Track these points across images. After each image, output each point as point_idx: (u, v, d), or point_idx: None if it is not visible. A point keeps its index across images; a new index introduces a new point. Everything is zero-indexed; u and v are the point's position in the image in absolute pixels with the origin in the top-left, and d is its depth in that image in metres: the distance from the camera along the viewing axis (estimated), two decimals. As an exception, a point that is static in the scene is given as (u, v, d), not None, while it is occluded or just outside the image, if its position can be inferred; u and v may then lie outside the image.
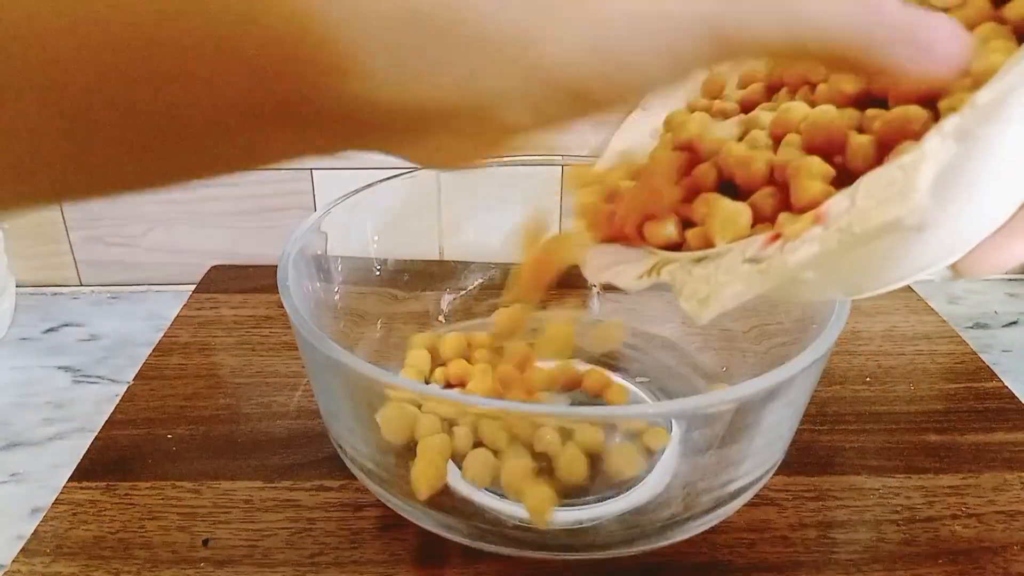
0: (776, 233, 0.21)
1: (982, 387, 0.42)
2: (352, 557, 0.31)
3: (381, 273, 0.41)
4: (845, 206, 0.19)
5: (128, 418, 0.39)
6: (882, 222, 0.17)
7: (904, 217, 0.17)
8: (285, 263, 0.32)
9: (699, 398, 0.28)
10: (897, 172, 0.18)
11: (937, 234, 0.19)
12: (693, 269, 0.23)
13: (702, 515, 0.29)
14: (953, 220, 0.18)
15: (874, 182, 0.18)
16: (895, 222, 0.17)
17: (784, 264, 0.19)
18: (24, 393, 0.43)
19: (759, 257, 0.20)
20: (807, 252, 0.19)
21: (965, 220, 0.19)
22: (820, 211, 0.19)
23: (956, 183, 0.18)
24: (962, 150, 0.17)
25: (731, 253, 0.22)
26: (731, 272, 0.21)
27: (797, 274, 0.19)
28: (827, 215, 0.19)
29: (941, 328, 0.47)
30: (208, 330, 0.46)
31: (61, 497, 0.34)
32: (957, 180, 0.18)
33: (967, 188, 0.18)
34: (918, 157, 0.17)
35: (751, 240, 0.21)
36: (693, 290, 0.22)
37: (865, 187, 0.19)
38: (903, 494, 0.35)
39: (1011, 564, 0.31)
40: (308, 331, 0.28)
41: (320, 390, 0.31)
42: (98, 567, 0.30)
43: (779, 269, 0.20)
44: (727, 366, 0.39)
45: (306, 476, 0.35)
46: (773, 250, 0.20)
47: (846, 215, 0.18)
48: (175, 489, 0.34)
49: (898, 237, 0.18)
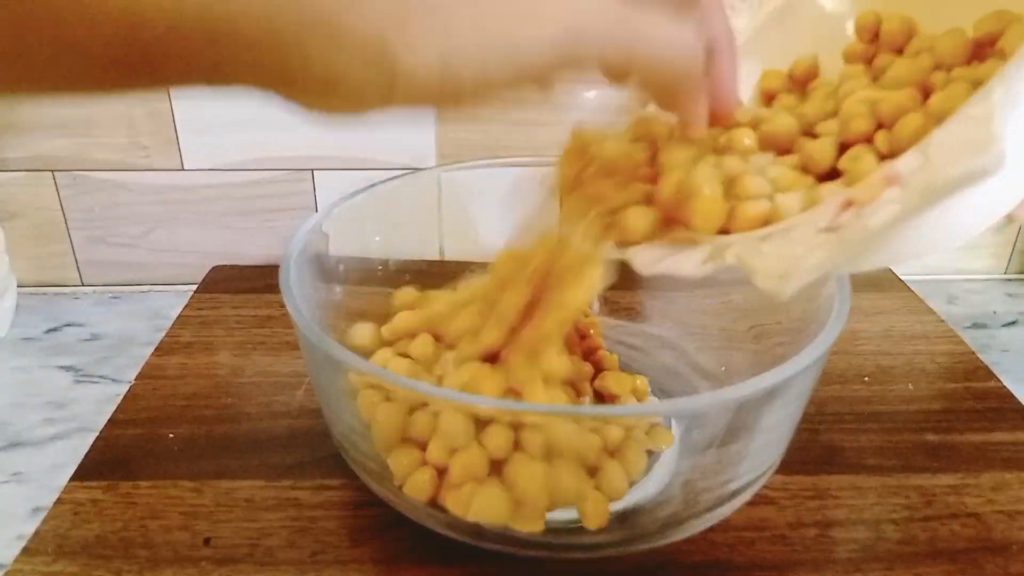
0: (848, 201, 0.21)
1: (981, 387, 0.42)
2: (353, 556, 0.31)
3: (382, 273, 0.41)
4: (918, 164, 0.19)
5: (129, 418, 0.39)
6: (964, 173, 0.18)
7: (987, 165, 0.18)
8: (287, 263, 0.32)
9: (699, 398, 0.28)
10: (968, 125, 0.19)
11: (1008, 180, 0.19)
12: (761, 247, 0.23)
13: (701, 514, 0.29)
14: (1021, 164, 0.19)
15: (944, 137, 0.19)
16: (978, 171, 0.18)
17: (865, 228, 0.20)
18: (25, 393, 0.43)
19: (835, 225, 0.21)
20: (888, 213, 0.19)
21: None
22: (890, 173, 0.20)
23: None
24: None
25: (801, 226, 0.22)
26: (807, 244, 0.21)
27: (879, 236, 0.20)
28: (900, 175, 0.20)
29: (940, 328, 0.47)
30: (210, 330, 0.46)
31: (62, 497, 0.34)
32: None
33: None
34: (988, 109, 0.18)
35: (821, 211, 0.22)
36: (768, 268, 0.22)
37: (937, 144, 0.19)
38: (902, 493, 0.35)
39: (1010, 564, 0.31)
40: (310, 331, 0.28)
41: (321, 389, 0.31)
42: (99, 566, 0.30)
43: (860, 234, 0.20)
44: (727, 366, 0.39)
45: (307, 475, 0.35)
46: (849, 217, 0.20)
47: (923, 172, 0.19)
48: (176, 488, 0.34)
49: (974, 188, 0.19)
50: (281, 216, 0.54)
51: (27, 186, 0.52)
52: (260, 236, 0.55)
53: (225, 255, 0.55)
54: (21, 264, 0.53)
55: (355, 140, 0.52)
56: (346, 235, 0.38)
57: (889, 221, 0.19)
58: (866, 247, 0.20)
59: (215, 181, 0.52)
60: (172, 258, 0.55)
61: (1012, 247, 0.57)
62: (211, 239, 0.54)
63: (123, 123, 0.50)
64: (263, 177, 0.53)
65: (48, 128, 0.50)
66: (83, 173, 0.52)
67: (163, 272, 0.55)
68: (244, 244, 0.55)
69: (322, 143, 0.52)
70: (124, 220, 0.53)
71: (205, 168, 0.52)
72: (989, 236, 0.57)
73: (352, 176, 0.53)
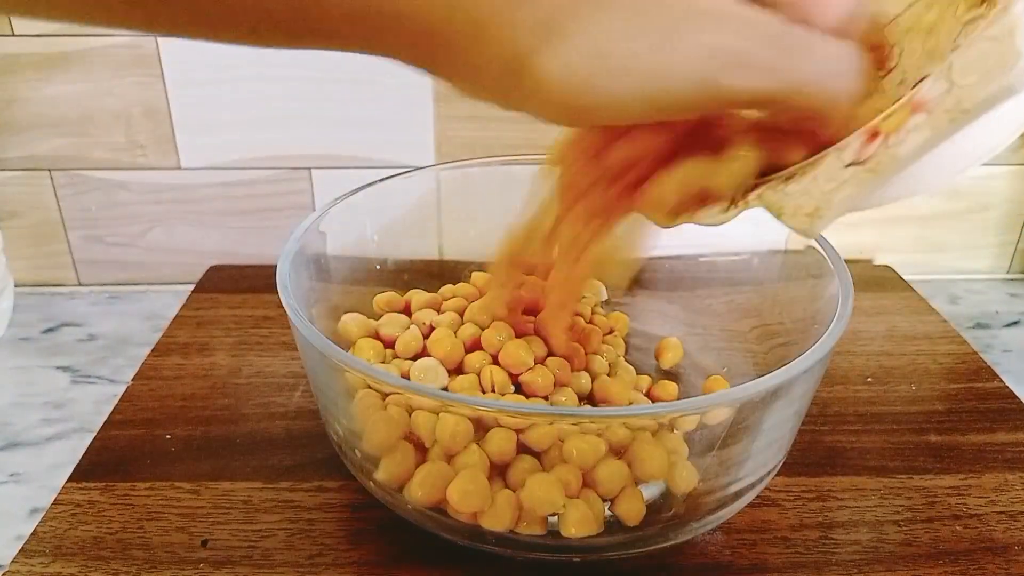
0: (873, 131, 0.21)
1: (983, 387, 0.42)
2: (351, 558, 0.31)
3: (380, 273, 0.41)
4: (943, 88, 0.19)
5: (127, 418, 0.39)
6: (993, 91, 0.18)
7: (1014, 83, 0.18)
8: (284, 263, 0.32)
9: (699, 398, 0.28)
10: (989, 44, 0.19)
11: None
12: (786, 188, 0.22)
13: (703, 516, 0.29)
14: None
15: (966, 60, 0.19)
16: (1007, 88, 0.18)
17: (895, 157, 0.20)
18: (23, 393, 0.43)
19: (862, 158, 0.21)
20: (918, 139, 0.19)
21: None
22: (915, 100, 0.20)
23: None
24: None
25: (825, 162, 0.22)
26: (835, 179, 0.21)
27: (909, 164, 0.20)
28: (926, 101, 0.19)
29: (942, 328, 0.47)
30: (207, 330, 0.46)
31: (60, 497, 0.34)
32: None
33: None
34: (1007, 26, 0.18)
35: (844, 145, 0.21)
36: (795, 206, 0.22)
37: (960, 66, 0.19)
38: (904, 494, 0.34)
39: (1012, 565, 0.31)
40: (307, 331, 0.28)
41: (319, 390, 0.31)
42: (97, 567, 0.30)
43: (891, 163, 0.20)
44: (727, 366, 0.39)
45: (305, 476, 0.35)
46: (877, 147, 0.20)
47: (950, 95, 0.19)
48: (174, 490, 0.34)
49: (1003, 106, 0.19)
50: (279, 215, 0.54)
51: (24, 185, 0.52)
52: (258, 235, 0.54)
53: (222, 254, 0.54)
54: (18, 264, 0.53)
55: (353, 139, 0.51)
56: (344, 234, 0.38)
57: (918, 148, 0.19)
58: (896, 176, 0.20)
59: (213, 180, 0.52)
60: (169, 257, 0.55)
61: (1014, 247, 0.57)
62: (208, 238, 0.54)
63: (120, 122, 0.50)
64: (261, 176, 0.52)
65: (45, 127, 0.50)
66: (80, 172, 0.52)
67: (160, 272, 0.55)
68: (242, 243, 0.54)
69: (319, 142, 0.51)
70: (121, 219, 0.53)
71: (202, 167, 0.52)
72: (991, 236, 0.56)
73: (350, 175, 0.52)
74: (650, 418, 0.29)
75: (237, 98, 0.50)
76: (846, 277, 0.31)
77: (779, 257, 0.38)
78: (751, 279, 0.40)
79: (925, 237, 0.56)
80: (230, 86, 0.49)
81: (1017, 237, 0.57)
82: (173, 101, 0.50)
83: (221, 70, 0.49)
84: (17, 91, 0.49)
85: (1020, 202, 0.55)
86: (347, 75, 0.49)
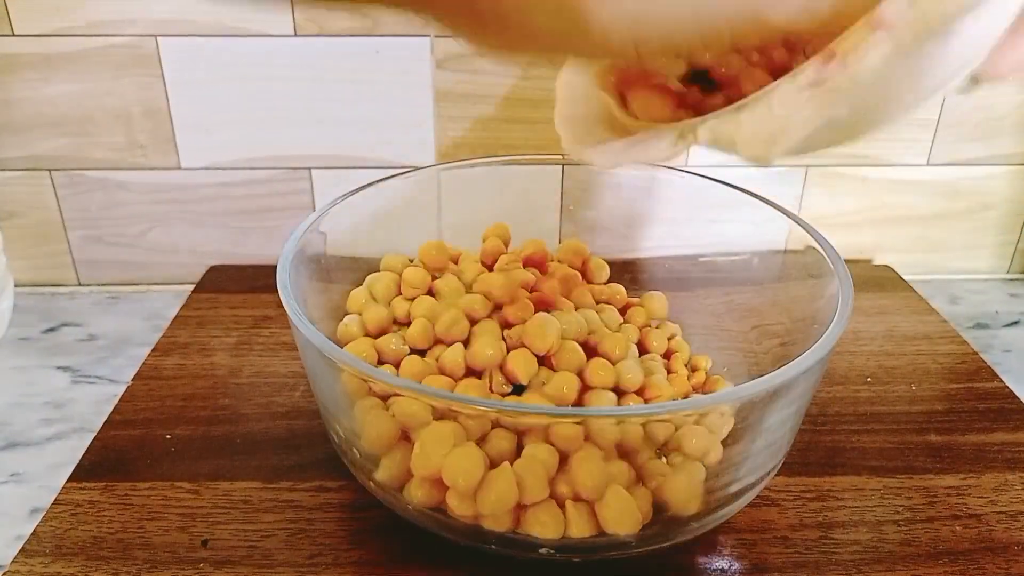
0: (830, 52, 0.20)
1: (983, 387, 0.42)
2: (351, 558, 0.31)
3: (381, 273, 0.41)
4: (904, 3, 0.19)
5: (127, 418, 0.39)
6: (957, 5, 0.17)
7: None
8: (284, 263, 0.32)
9: (699, 398, 0.28)
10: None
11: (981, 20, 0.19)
12: (739, 117, 0.22)
13: (703, 516, 0.29)
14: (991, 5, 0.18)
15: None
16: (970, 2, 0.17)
17: (856, 74, 0.19)
18: (23, 393, 0.43)
19: (820, 79, 0.20)
20: (878, 55, 0.19)
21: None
22: (875, 18, 0.19)
23: None
24: None
25: (780, 89, 0.21)
26: (791, 104, 0.20)
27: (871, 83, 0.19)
28: (887, 18, 0.19)
29: (942, 328, 0.47)
30: (207, 330, 0.46)
31: (60, 497, 0.34)
32: None
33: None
34: None
35: (799, 71, 0.21)
36: (750, 134, 0.21)
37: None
38: (904, 494, 0.34)
39: (1012, 565, 0.31)
40: (307, 331, 0.28)
41: (319, 390, 0.31)
42: (97, 568, 0.30)
43: (851, 80, 0.19)
44: (727, 366, 0.39)
45: (305, 476, 0.35)
46: (835, 68, 0.20)
47: (913, 8, 0.18)
48: (174, 489, 0.34)
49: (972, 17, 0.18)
50: (279, 215, 0.54)
51: (24, 185, 0.52)
52: (258, 235, 0.54)
53: (223, 254, 0.54)
54: (18, 264, 0.53)
55: (353, 139, 0.51)
56: (344, 234, 0.38)
57: (879, 64, 0.19)
58: (858, 97, 0.20)
59: (213, 180, 0.52)
60: (169, 257, 0.54)
61: (1014, 247, 0.57)
62: (209, 238, 0.54)
63: (120, 122, 0.50)
64: (261, 176, 0.52)
65: (45, 127, 0.50)
66: (80, 172, 0.52)
67: (161, 272, 0.55)
68: (242, 243, 0.54)
69: (319, 142, 0.51)
70: (121, 219, 0.53)
71: (202, 167, 0.52)
72: (991, 236, 0.56)
73: (350, 175, 0.52)
74: (650, 418, 0.29)
75: (237, 98, 0.50)
76: (846, 277, 0.31)
77: (779, 257, 0.38)
78: (751, 279, 0.40)
79: (925, 237, 0.56)
80: (230, 86, 0.49)
81: (1017, 237, 0.57)
82: (173, 101, 0.50)
83: (221, 70, 0.49)
84: (17, 91, 0.49)
85: (1020, 202, 0.55)
86: (347, 75, 0.49)
